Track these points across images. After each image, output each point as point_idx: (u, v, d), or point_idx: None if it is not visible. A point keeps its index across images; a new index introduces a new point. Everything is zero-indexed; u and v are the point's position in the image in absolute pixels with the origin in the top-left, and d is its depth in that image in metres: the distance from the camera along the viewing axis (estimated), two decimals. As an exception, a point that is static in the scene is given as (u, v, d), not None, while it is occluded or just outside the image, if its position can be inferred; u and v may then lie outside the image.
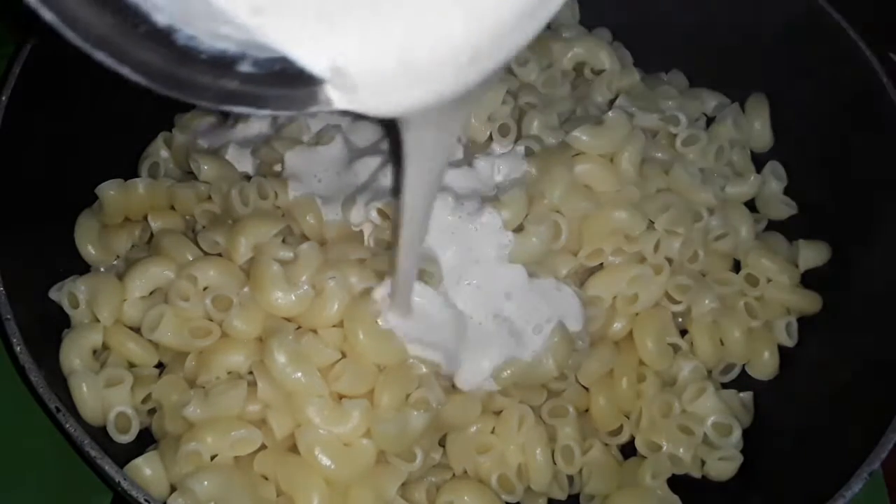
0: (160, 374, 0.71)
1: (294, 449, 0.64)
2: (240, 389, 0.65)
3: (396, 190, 0.58)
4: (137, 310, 0.71)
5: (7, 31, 0.91)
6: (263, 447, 0.66)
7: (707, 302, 0.76)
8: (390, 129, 0.49)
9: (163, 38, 0.34)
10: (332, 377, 0.65)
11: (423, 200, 0.52)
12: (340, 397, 0.66)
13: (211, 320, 0.68)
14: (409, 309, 0.66)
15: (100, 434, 0.66)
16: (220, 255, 0.71)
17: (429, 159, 0.47)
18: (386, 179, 0.74)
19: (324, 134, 0.77)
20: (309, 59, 0.36)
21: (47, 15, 0.32)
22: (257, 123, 0.83)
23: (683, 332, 0.79)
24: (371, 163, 0.75)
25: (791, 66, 0.85)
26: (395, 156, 0.71)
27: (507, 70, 0.86)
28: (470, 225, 0.72)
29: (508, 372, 0.70)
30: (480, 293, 0.72)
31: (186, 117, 0.86)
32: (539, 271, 0.74)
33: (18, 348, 0.63)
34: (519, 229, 0.73)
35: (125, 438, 0.67)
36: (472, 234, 0.72)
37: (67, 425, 0.61)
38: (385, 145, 0.77)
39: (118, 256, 0.77)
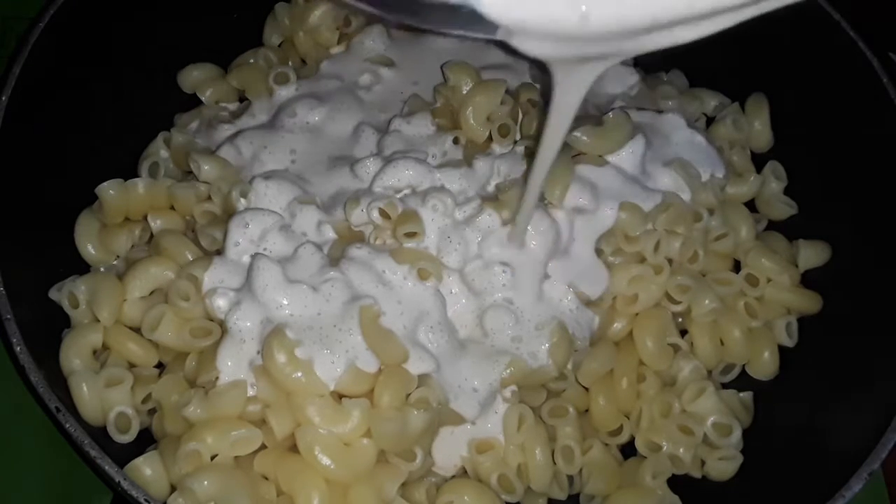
0: (160, 374, 0.71)
1: (294, 449, 0.64)
2: (240, 389, 0.65)
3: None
4: (137, 310, 0.71)
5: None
6: (263, 447, 0.66)
7: (707, 302, 0.76)
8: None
9: None
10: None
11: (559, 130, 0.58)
12: (340, 397, 0.66)
13: (211, 320, 0.68)
14: (524, 241, 0.69)
15: (100, 434, 0.66)
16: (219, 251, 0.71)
17: (568, 91, 0.53)
18: (386, 180, 0.74)
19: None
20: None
21: None
22: (258, 118, 0.83)
23: (683, 332, 0.79)
24: (372, 166, 0.76)
25: (791, 66, 0.85)
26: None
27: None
28: (469, 225, 0.72)
29: (509, 371, 0.70)
30: (480, 294, 0.72)
31: (185, 117, 0.86)
32: (539, 271, 0.74)
33: (18, 348, 0.63)
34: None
35: (125, 438, 0.67)
36: (471, 234, 0.72)
37: (67, 425, 0.61)
38: (386, 150, 0.77)
39: (118, 256, 0.77)
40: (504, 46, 0.46)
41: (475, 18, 0.42)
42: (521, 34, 0.44)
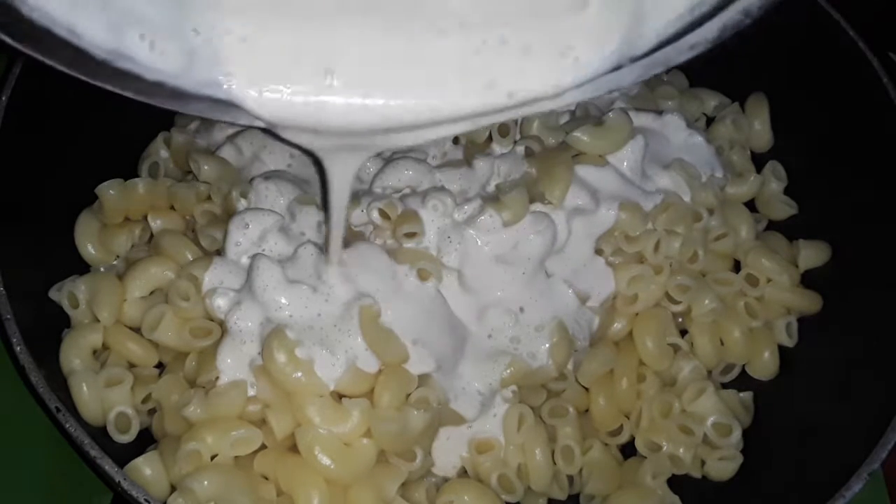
0: (160, 374, 0.71)
1: (294, 449, 0.64)
2: (240, 389, 0.65)
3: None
4: (137, 310, 0.71)
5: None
6: (263, 447, 0.66)
7: (707, 302, 0.76)
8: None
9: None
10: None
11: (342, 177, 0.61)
12: (340, 397, 0.66)
13: (211, 320, 0.68)
14: (341, 258, 0.68)
15: (100, 434, 0.66)
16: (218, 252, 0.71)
17: (337, 175, 0.59)
18: (386, 181, 0.74)
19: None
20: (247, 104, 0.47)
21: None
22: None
23: (683, 332, 0.79)
24: (371, 166, 0.76)
25: (791, 66, 0.85)
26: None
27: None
28: (470, 226, 0.72)
29: (509, 371, 0.70)
30: (480, 294, 0.72)
31: (185, 117, 0.86)
32: (539, 272, 0.74)
33: (18, 348, 0.63)
34: (519, 230, 0.73)
35: (125, 438, 0.67)
36: (472, 235, 0.72)
37: (67, 425, 0.61)
38: (387, 152, 0.77)
39: (118, 256, 0.77)
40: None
41: (239, 110, 0.47)
42: (282, 126, 0.49)
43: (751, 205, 0.86)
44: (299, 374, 0.64)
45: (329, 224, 0.65)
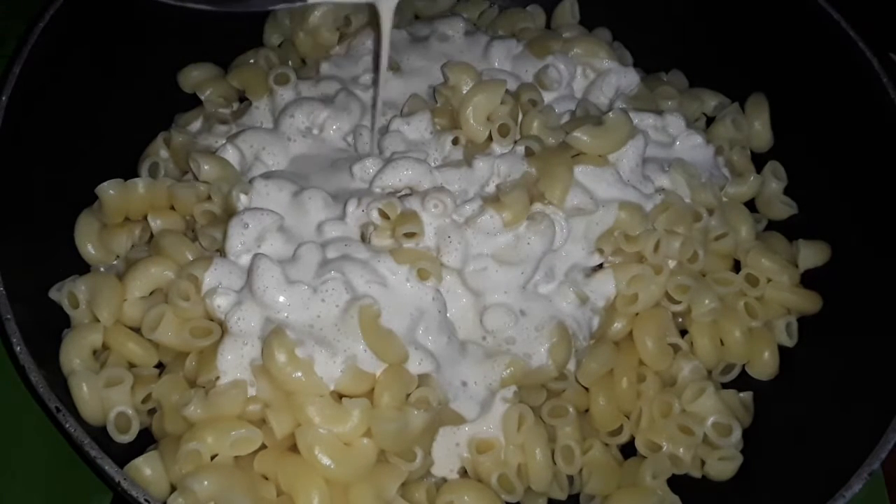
0: (160, 374, 0.71)
1: (294, 449, 0.64)
2: (240, 389, 0.65)
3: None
4: (137, 310, 0.71)
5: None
6: (263, 447, 0.66)
7: (707, 302, 0.76)
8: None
9: None
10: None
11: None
12: (340, 397, 0.66)
13: (211, 320, 0.68)
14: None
15: (100, 434, 0.66)
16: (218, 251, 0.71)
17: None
18: (386, 181, 0.74)
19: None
20: None
21: None
22: (259, 118, 0.83)
23: (683, 332, 0.79)
24: (372, 166, 0.76)
25: (791, 66, 0.85)
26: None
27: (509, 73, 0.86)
28: (470, 226, 0.72)
29: (509, 371, 0.70)
30: (480, 294, 0.72)
31: (185, 117, 0.86)
32: (539, 272, 0.74)
33: (18, 348, 0.63)
34: (519, 230, 0.73)
35: (125, 438, 0.67)
36: (472, 235, 0.72)
37: (67, 425, 0.61)
38: (386, 151, 0.77)
39: (118, 256, 0.77)
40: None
41: None
42: None
43: (751, 205, 0.86)
44: (299, 373, 0.64)
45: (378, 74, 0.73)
